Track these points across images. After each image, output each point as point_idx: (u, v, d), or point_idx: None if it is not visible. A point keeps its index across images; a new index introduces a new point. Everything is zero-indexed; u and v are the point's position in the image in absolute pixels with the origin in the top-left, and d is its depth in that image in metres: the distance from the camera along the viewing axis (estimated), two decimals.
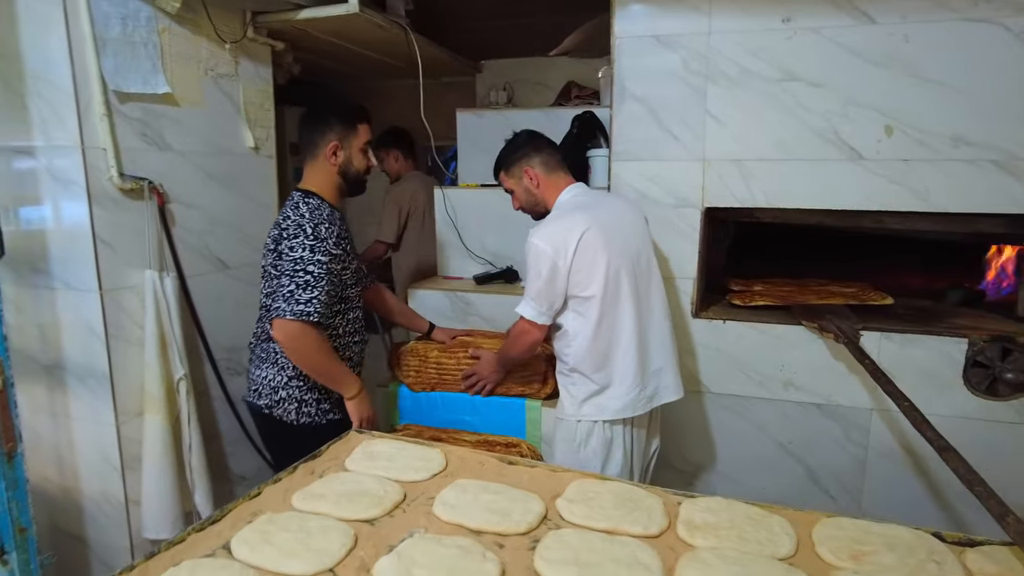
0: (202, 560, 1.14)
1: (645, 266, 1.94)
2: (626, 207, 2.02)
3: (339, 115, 1.89)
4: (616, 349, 1.89)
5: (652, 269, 1.97)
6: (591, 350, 1.89)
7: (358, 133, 1.91)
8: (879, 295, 2.37)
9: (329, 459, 1.55)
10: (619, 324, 1.88)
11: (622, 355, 1.90)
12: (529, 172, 1.97)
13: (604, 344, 1.89)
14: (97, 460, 2.06)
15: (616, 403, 1.91)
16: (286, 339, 1.75)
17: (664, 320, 1.98)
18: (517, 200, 2.06)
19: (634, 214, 2.00)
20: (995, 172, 1.99)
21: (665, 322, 1.99)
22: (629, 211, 2.00)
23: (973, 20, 1.94)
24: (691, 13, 2.17)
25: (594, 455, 1.93)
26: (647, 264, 1.95)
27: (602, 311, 1.86)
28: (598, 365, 1.90)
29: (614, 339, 1.89)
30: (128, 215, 2.00)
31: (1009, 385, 2.03)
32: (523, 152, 1.98)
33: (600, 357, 1.89)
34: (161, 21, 2.06)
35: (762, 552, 1.19)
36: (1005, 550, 1.18)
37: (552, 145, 2.04)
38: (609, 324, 1.88)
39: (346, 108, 1.92)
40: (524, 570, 1.14)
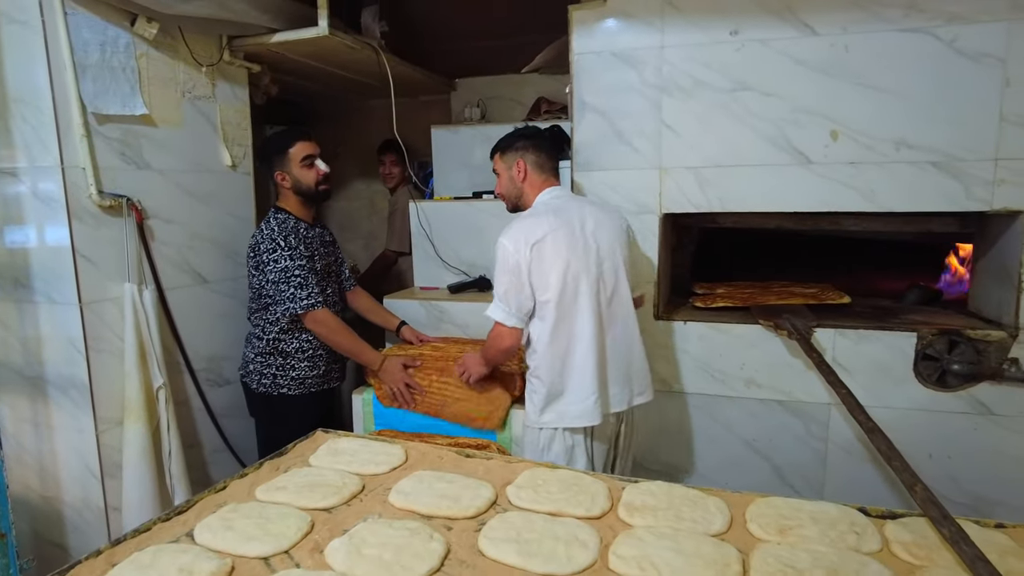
0: (166, 546, 1.21)
1: (611, 274, 1.94)
2: (603, 214, 1.99)
3: (272, 149, 2.26)
4: (573, 356, 1.90)
5: (620, 279, 1.96)
6: (547, 355, 1.91)
7: (290, 156, 2.23)
8: (837, 294, 2.46)
9: (295, 456, 1.62)
10: (576, 331, 1.90)
11: (579, 362, 1.90)
12: (520, 163, 2.02)
13: (561, 350, 1.90)
14: (78, 468, 2.12)
15: (574, 409, 1.91)
16: (314, 326, 2.19)
17: (628, 331, 1.98)
18: (500, 185, 2.10)
19: (611, 222, 1.98)
20: (935, 173, 2.09)
21: (629, 333, 1.98)
22: (606, 219, 1.98)
23: (907, 31, 2.05)
24: (645, 28, 2.29)
25: (557, 461, 1.94)
26: (613, 273, 1.94)
27: (558, 316, 1.88)
28: (556, 371, 1.91)
29: (571, 346, 1.90)
30: (107, 231, 2.09)
31: (957, 376, 2.11)
32: (523, 144, 2.03)
33: (558, 363, 1.91)
34: (139, 47, 2.17)
35: (695, 529, 1.26)
36: (921, 520, 1.25)
37: (554, 150, 2.09)
38: (566, 330, 1.89)
39: (277, 138, 2.28)
40: (468, 549, 1.21)
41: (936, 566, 1.13)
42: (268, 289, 2.18)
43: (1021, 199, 2.02)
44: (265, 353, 2.27)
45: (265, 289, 2.19)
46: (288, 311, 2.15)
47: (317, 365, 2.32)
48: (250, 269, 2.23)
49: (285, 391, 2.27)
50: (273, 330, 2.24)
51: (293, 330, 2.25)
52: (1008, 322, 2.09)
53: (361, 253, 4.15)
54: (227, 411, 2.54)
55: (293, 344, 2.26)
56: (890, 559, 1.16)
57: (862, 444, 2.23)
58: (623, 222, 2.05)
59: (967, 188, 2.06)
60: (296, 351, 2.27)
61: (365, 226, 4.20)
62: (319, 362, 2.32)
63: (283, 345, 2.25)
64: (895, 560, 1.16)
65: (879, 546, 1.20)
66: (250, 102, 2.69)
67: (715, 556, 1.16)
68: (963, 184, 2.06)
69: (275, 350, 2.25)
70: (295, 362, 2.27)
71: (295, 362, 2.27)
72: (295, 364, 2.27)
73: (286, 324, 2.23)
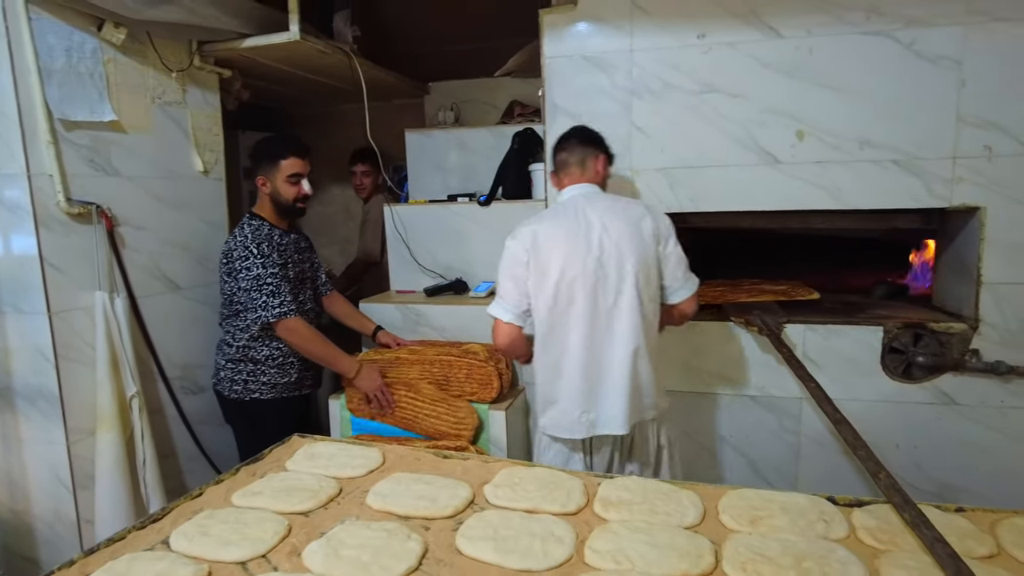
0: (141, 553, 1.21)
1: (614, 284, 1.79)
2: (618, 218, 1.82)
3: (263, 153, 2.24)
4: (562, 367, 1.83)
5: (624, 290, 1.79)
6: (541, 362, 1.87)
7: (280, 168, 2.21)
8: (806, 291, 2.51)
9: (271, 461, 1.62)
10: (568, 342, 1.81)
11: (568, 374, 1.82)
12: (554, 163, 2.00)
13: (554, 357, 1.84)
14: (48, 480, 2.09)
15: (564, 420, 1.84)
16: (286, 335, 2.17)
17: (632, 346, 1.79)
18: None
19: (627, 226, 1.80)
20: (897, 171, 2.15)
21: (633, 348, 1.79)
22: (621, 223, 1.81)
23: (868, 33, 2.11)
24: (615, 32, 2.32)
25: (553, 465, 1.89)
26: (616, 282, 1.79)
27: (550, 325, 1.82)
28: (548, 379, 1.86)
29: (561, 357, 1.82)
30: (76, 239, 2.06)
31: (922, 368, 2.17)
32: (556, 147, 2.00)
33: (549, 372, 1.85)
34: (107, 52, 2.15)
35: (669, 522, 1.29)
36: (886, 507, 1.29)
37: (579, 142, 1.96)
38: (559, 340, 1.82)
39: (272, 145, 2.25)
40: (446, 548, 1.22)
41: (899, 549, 1.17)
42: (239, 296, 2.16)
43: (978, 196, 2.08)
44: (236, 360, 2.26)
45: (236, 296, 2.17)
46: (260, 319, 2.13)
47: (288, 372, 2.30)
48: (222, 275, 2.22)
49: (257, 395, 2.26)
50: (243, 337, 2.22)
51: (264, 337, 2.24)
52: (969, 315, 2.15)
53: (337, 258, 4.13)
54: (202, 418, 2.51)
55: (263, 351, 2.25)
56: (856, 545, 1.20)
57: (833, 436, 2.28)
58: (649, 224, 1.82)
59: (928, 185, 2.13)
60: (267, 358, 2.26)
61: (341, 231, 4.18)
62: (290, 369, 2.31)
63: (253, 352, 2.24)
64: (861, 545, 1.20)
65: (846, 533, 1.24)
66: (222, 107, 2.67)
67: (688, 547, 1.18)
68: (924, 182, 2.13)
69: (245, 357, 2.24)
70: (265, 368, 2.26)
71: (265, 368, 2.26)
72: (265, 370, 2.26)
73: (257, 331, 2.21)
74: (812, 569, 1.10)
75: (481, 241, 2.78)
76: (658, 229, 1.84)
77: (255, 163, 2.25)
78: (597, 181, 1.95)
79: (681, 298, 1.89)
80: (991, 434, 2.15)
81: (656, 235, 1.83)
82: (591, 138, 1.98)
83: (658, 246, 1.84)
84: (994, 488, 2.14)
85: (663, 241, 1.85)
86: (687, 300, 1.90)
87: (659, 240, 1.84)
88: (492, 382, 2.31)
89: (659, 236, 1.84)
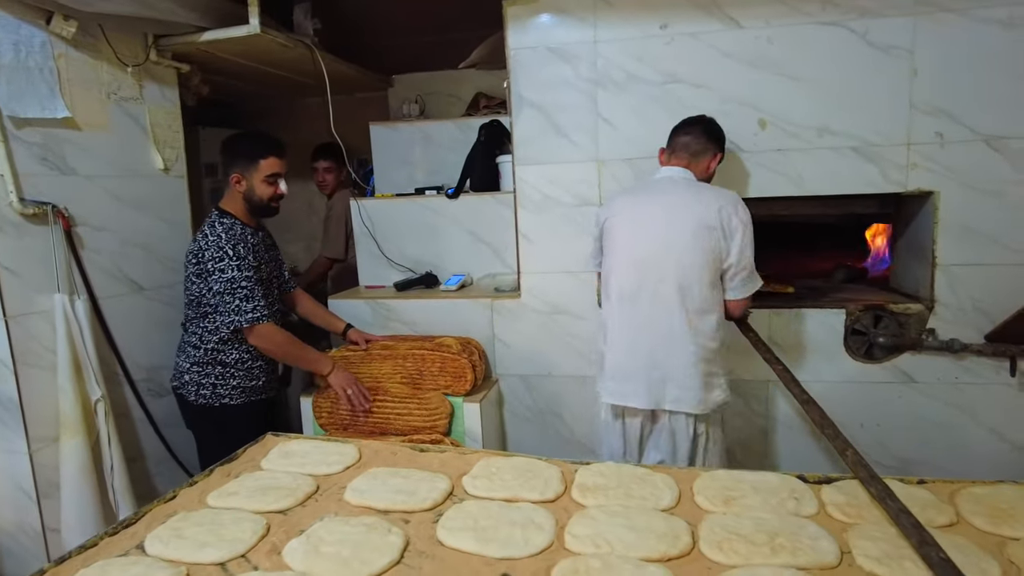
0: (114, 560, 1.18)
1: (655, 269, 1.87)
2: (682, 205, 1.88)
3: (241, 150, 2.17)
4: (610, 334, 1.98)
5: (664, 277, 1.86)
6: (599, 326, 2.05)
7: (259, 167, 2.15)
8: (782, 286, 2.52)
9: (245, 461, 1.60)
10: (614, 312, 1.96)
11: (612, 342, 1.97)
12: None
13: (605, 324, 2.01)
14: (9, 490, 2.02)
15: (609, 385, 1.98)
16: (258, 341, 2.11)
17: (665, 332, 1.88)
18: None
19: (688, 214, 1.86)
20: (855, 158, 2.21)
21: (668, 334, 1.87)
22: (682, 210, 1.87)
23: (824, 23, 2.16)
24: (578, 24, 2.33)
25: (602, 429, 2.08)
26: (657, 268, 1.87)
27: (605, 293, 2.01)
28: (602, 344, 2.02)
29: (610, 323, 1.98)
30: (32, 240, 1.99)
31: (883, 348, 2.24)
32: (680, 126, 2.08)
33: (602, 335, 2.02)
34: (57, 46, 2.07)
35: (645, 505, 1.32)
36: (853, 482, 1.34)
37: (705, 134, 2.03)
38: (609, 308, 1.99)
39: (250, 144, 2.18)
40: (427, 540, 1.22)
41: (866, 522, 1.22)
42: (210, 298, 2.09)
43: (931, 181, 2.16)
44: (203, 363, 2.17)
45: (206, 298, 2.11)
46: (232, 324, 2.06)
47: (256, 376, 2.24)
48: (190, 275, 2.13)
49: (227, 400, 2.19)
50: (212, 339, 2.15)
51: (233, 340, 2.16)
52: (925, 296, 2.24)
53: (302, 255, 4.07)
54: (170, 420, 2.45)
55: (233, 355, 2.18)
56: (826, 520, 1.25)
57: (800, 417, 2.35)
58: (714, 218, 1.83)
59: (883, 172, 2.19)
60: (236, 362, 2.19)
61: (305, 227, 4.12)
62: (259, 373, 2.25)
63: (222, 356, 2.17)
64: (830, 520, 1.24)
65: (816, 509, 1.28)
66: (181, 103, 2.60)
67: (665, 529, 1.21)
68: (880, 168, 2.19)
69: (214, 360, 2.17)
70: (235, 371, 2.19)
71: (235, 371, 2.19)
72: (235, 373, 2.20)
73: (226, 334, 2.15)
74: (785, 545, 1.14)
75: (450, 234, 2.78)
76: (724, 224, 1.84)
77: (229, 159, 2.17)
78: (702, 175, 2.02)
79: (731, 296, 1.93)
80: (948, 409, 2.24)
81: (721, 229, 1.84)
82: (717, 135, 2.06)
83: (722, 241, 1.85)
84: (951, 460, 2.23)
85: (729, 236, 1.85)
86: (733, 301, 1.94)
87: (725, 234, 1.85)
88: (466, 374, 2.32)
89: (725, 230, 1.84)
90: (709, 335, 1.88)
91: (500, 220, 2.68)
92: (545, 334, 2.53)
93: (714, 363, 1.90)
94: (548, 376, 2.55)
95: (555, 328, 2.52)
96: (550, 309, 2.52)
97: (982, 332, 2.16)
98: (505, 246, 2.71)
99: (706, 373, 1.88)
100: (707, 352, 1.88)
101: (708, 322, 1.88)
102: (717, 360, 1.91)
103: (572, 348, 2.51)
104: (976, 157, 2.11)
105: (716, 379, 1.92)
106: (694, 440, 1.92)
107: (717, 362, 1.92)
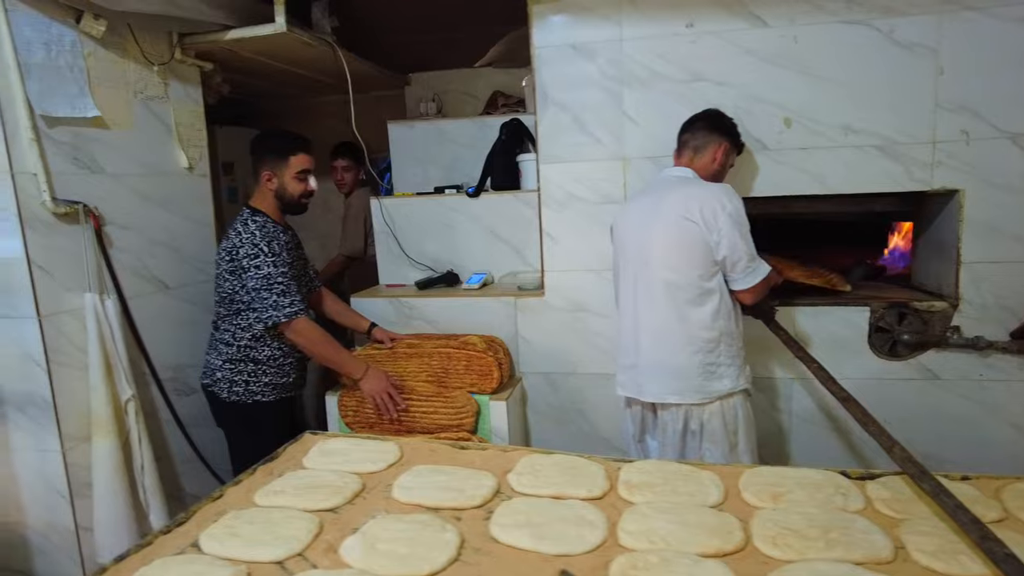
0: (172, 557, 1.19)
1: (640, 262, 1.97)
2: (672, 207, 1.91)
3: (271, 148, 2.19)
4: (620, 329, 2.10)
5: (650, 266, 1.94)
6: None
7: (289, 164, 2.17)
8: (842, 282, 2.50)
9: (287, 459, 1.61)
10: (620, 305, 2.10)
11: (620, 337, 2.09)
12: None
13: (620, 318, 2.10)
14: (42, 490, 2.03)
15: (619, 377, 2.11)
16: (295, 336, 2.13)
17: (660, 323, 1.94)
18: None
19: (671, 207, 1.91)
20: (878, 156, 2.22)
21: (662, 326, 1.94)
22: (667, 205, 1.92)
23: (849, 22, 2.17)
24: (603, 22, 2.34)
25: (623, 418, 2.18)
26: (643, 260, 1.96)
27: (616, 286, 2.12)
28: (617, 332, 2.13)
29: (619, 319, 2.10)
30: (64, 239, 2.00)
31: (907, 346, 2.26)
32: (684, 125, 2.12)
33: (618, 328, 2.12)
34: (86, 45, 2.07)
35: (693, 501, 1.33)
36: (897, 479, 1.35)
37: (706, 127, 2.06)
38: (620, 302, 2.09)
39: (281, 141, 2.20)
40: (480, 537, 1.23)
41: (915, 517, 1.23)
42: (243, 295, 2.11)
43: (957, 179, 2.17)
44: (235, 360, 2.19)
45: (239, 295, 2.12)
46: (270, 319, 2.07)
47: (287, 373, 2.26)
48: (222, 273, 2.14)
49: (259, 397, 2.21)
50: (245, 336, 2.17)
51: (266, 337, 2.18)
52: (949, 293, 2.25)
53: (317, 253, 4.07)
54: (195, 420, 2.46)
55: (265, 352, 2.20)
56: (874, 515, 1.25)
57: (823, 414, 2.37)
58: (697, 212, 1.86)
59: (908, 170, 2.21)
60: (268, 359, 2.20)
61: (320, 226, 4.12)
62: (289, 370, 2.27)
63: (255, 353, 2.19)
64: (879, 516, 1.25)
65: (863, 505, 1.29)
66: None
67: (717, 525, 1.22)
68: (904, 166, 2.21)
69: (246, 357, 2.18)
70: (266, 368, 2.21)
71: (266, 368, 2.21)
72: (266, 371, 2.21)
73: (259, 331, 2.16)
74: (839, 540, 1.15)
75: (469, 233, 2.79)
76: (706, 218, 1.85)
77: (259, 157, 2.18)
78: (708, 167, 2.04)
79: (736, 287, 1.94)
80: (970, 406, 2.26)
81: (704, 223, 1.86)
82: (719, 125, 2.07)
83: (706, 233, 1.86)
84: (972, 457, 2.25)
85: (714, 229, 1.86)
86: (742, 291, 1.94)
87: (709, 228, 1.86)
88: (492, 372, 2.32)
89: (708, 224, 1.86)
90: (704, 325, 1.91)
91: (521, 218, 2.69)
92: (569, 332, 2.54)
93: (714, 353, 1.92)
94: (572, 374, 2.56)
95: (578, 326, 2.53)
96: (574, 307, 2.53)
97: (1007, 329, 2.18)
98: (526, 244, 2.72)
99: (704, 363, 1.92)
100: (702, 343, 1.91)
101: (702, 313, 1.91)
102: (719, 350, 1.93)
103: (595, 346, 2.52)
104: (1001, 155, 2.12)
105: (720, 368, 1.93)
106: (690, 430, 1.98)
107: (720, 352, 1.93)
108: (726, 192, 1.90)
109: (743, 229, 1.89)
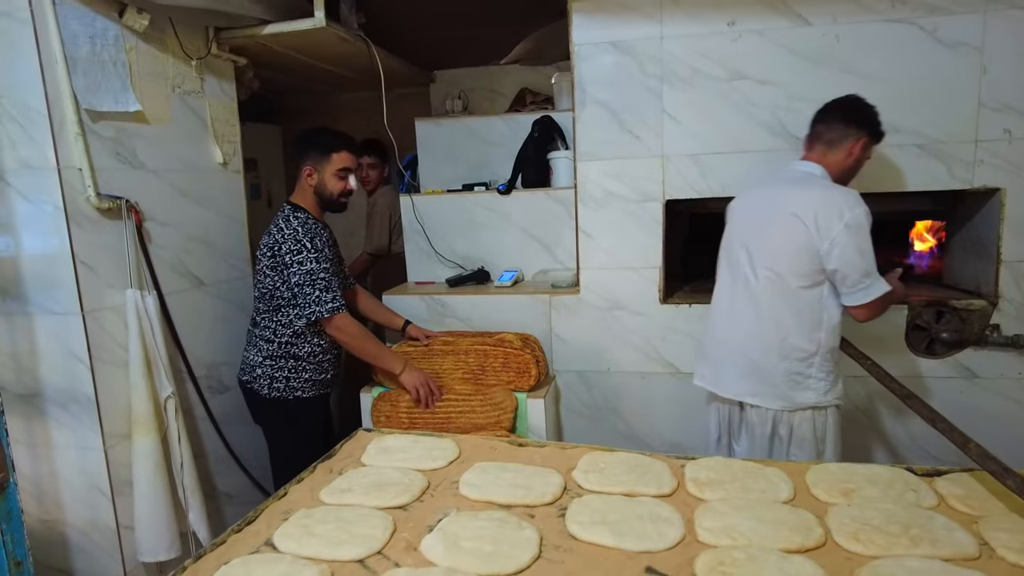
0: (251, 556, 1.18)
1: (746, 261, 1.90)
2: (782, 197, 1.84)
3: (315, 143, 2.18)
4: (710, 317, 2.06)
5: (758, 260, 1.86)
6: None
7: (331, 161, 2.17)
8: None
9: (344, 457, 1.60)
10: (715, 294, 2.04)
11: (709, 325, 2.06)
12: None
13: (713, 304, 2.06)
14: (83, 488, 2.01)
15: (698, 367, 2.08)
16: (336, 332, 2.13)
17: (751, 323, 1.87)
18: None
19: (780, 206, 1.82)
20: (920, 155, 2.22)
21: (752, 326, 1.87)
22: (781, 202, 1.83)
23: (893, 21, 2.17)
24: (644, 20, 2.33)
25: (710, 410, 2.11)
26: (748, 260, 1.89)
27: (719, 271, 2.05)
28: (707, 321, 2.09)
29: (716, 302, 2.04)
30: (106, 235, 1.98)
31: (945, 344, 2.26)
32: (818, 113, 1.96)
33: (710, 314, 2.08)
34: (128, 39, 2.05)
35: (765, 498, 1.32)
36: (966, 476, 1.36)
37: (842, 120, 1.89)
38: (719, 287, 2.03)
39: (325, 136, 2.20)
40: (559, 534, 1.23)
41: (994, 515, 1.23)
42: (284, 291, 2.11)
43: (998, 178, 2.18)
44: (275, 356, 2.18)
45: (280, 291, 2.12)
46: (313, 315, 2.07)
47: (326, 369, 2.27)
48: (263, 269, 2.14)
49: (300, 393, 2.20)
50: (286, 333, 2.16)
51: (307, 333, 2.18)
52: (988, 291, 2.25)
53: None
54: (228, 418, 2.45)
55: (305, 348, 2.19)
56: (949, 512, 1.26)
57: (860, 412, 2.37)
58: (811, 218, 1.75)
59: (950, 169, 2.21)
60: (308, 355, 2.20)
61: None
62: (328, 366, 2.27)
63: (295, 349, 2.18)
64: (954, 513, 1.26)
65: (936, 501, 1.29)
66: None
67: (795, 521, 1.22)
68: (946, 165, 2.21)
69: (287, 353, 2.18)
70: (306, 364, 2.21)
71: (306, 364, 2.21)
72: (305, 367, 2.21)
73: (300, 327, 2.15)
74: (922, 536, 1.15)
75: (500, 230, 2.78)
76: (820, 223, 1.73)
77: (301, 152, 2.18)
78: (841, 163, 1.89)
79: (847, 303, 1.81)
80: (1009, 404, 2.26)
81: (816, 227, 1.74)
82: (856, 118, 1.88)
83: (816, 239, 1.74)
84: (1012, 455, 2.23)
85: (825, 238, 1.73)
86: (851, 308, 1.81)
87: (821, 233, 1.74)
88: (530, 370, 2.31)
89: (820, 229, 1.73)
90: (801, 334, 1.81)
91: (552, 216, 2.68)
92: (604, 330, 2.53)
93: (806, 363, 1.81)
94: (607, 372, 2.55)
95: (614, 324, 2.52)
96: (609, 305, 2.52)
97: None
98: (558, 242, 2.71)
99: (792, 372, 1.82)
100: (793, 351, 1.81)
101: (800, 320, 1.81)
102: (813, 362, 1.81)
103: (631, 344, 2.52)
104: None
105: (809, 380, 1.83)
106: (778, 435, 1.90)
107: (814, 364, 1.82)
108: (849, 200, 1.75)
109: (861, 242, 1.73)
